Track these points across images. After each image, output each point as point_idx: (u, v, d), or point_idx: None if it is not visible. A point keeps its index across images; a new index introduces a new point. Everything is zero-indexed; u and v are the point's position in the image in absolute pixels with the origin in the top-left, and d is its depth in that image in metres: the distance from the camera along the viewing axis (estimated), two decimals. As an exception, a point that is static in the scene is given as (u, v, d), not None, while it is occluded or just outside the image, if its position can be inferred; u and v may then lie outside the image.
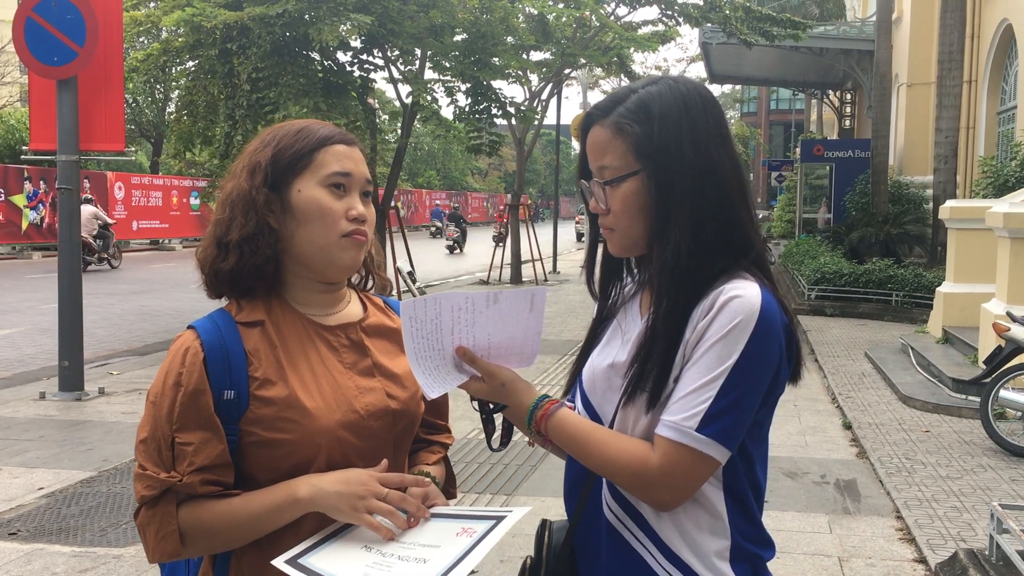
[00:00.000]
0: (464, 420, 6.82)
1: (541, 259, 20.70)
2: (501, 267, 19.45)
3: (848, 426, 7.27)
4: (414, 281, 12.27)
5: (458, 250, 31.70)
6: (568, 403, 1.59)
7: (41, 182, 25.65)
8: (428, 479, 1.60)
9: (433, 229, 43.61)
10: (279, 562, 1.41)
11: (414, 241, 31.99)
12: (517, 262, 19.60)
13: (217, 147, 11.70)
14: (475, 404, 1.58)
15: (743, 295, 1.42)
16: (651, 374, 1.45)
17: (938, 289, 10.88)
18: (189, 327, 1.55)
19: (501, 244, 19.98)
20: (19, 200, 25.25)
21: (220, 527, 1.46)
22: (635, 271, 1.64)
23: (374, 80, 13.15)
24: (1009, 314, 7.10)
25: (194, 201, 32.42)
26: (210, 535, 1.47)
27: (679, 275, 1.45)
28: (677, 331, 1.45)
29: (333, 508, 1.44)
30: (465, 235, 33.10)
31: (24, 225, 25.44)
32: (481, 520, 1.50)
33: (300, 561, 1.41)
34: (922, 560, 4.55)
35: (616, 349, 1.56)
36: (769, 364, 1.43)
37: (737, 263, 1.48)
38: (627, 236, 1.53)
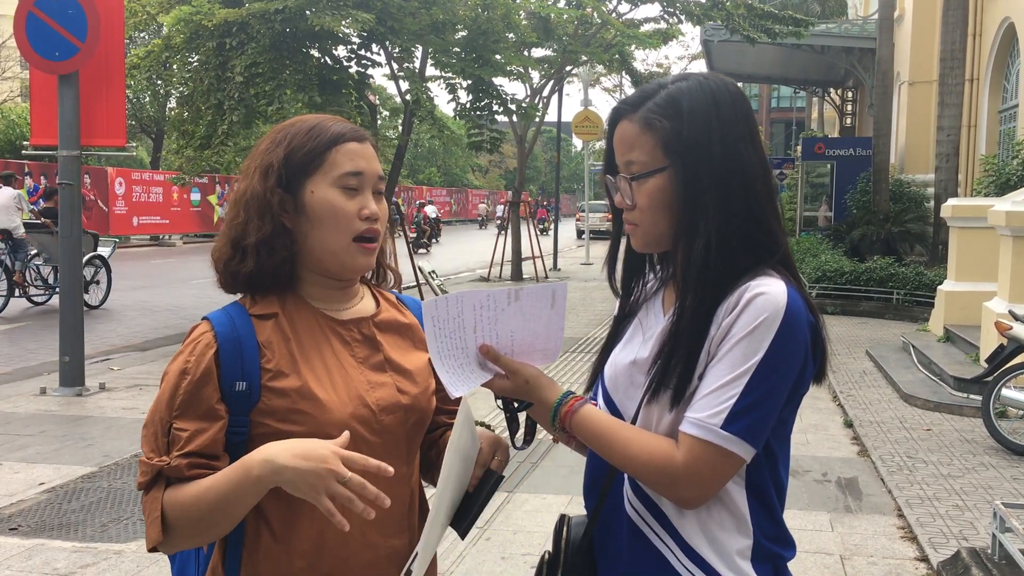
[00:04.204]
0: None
1: (542, 256, 20.70)
2: (502, 264, 19.44)
3: (849, 424, 7.26)
4: (435, 279, 12.32)
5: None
6: (591, 400, 1.58)
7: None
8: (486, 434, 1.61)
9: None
10: None
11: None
12: (518, 259, 19.60)
13: (198, 137, 11.65)
14: (499, 402, 1.58)
15: (768, 292, 1.41)
16: (675, 371, 1.44)
17: (939, 287, 10.87)
18: (204, 319, 1.55)
19: (503, 232, 19.87)
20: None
21: (193, 508, 1.43)
22: (657, 268, 1.63)
23: (371, 77, 13.15)
24: (1011, 312, 7.09)
25: (195, 197, 32.43)
26: (188, 518, 1.44)
27: (705, 272, 1.44)
28: (702, 328, 1.44)
29: (290, 484, 1.36)
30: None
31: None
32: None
33: (411, 568, 1.46)
34: (924, 559, 4.54)
35: (638, 346, 1.56)
36: (795, 361, 1.42)
37: (763, 261, 1.47)
38: (651, 232, 1.52)
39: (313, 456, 1.35)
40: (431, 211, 35.97)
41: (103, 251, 13.95)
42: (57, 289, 12.79)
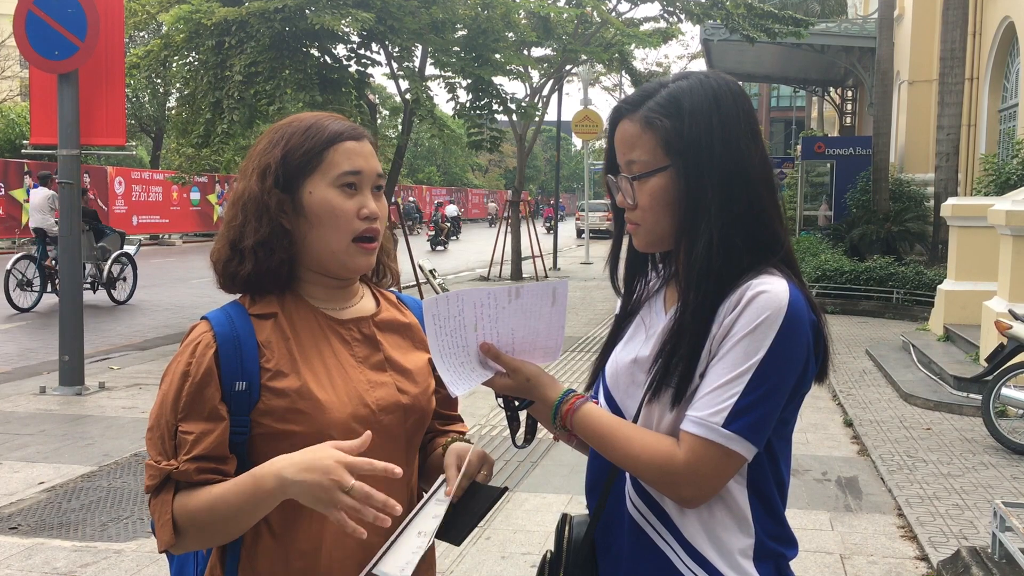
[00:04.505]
0: (464, 416, 6.81)
1: (542, 255, 20.69)
2: (501, 263, 19.44)
3: (849, 423, 7.26)
4: (435, 277, 12.33)
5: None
6: (592, 398, 1.58)
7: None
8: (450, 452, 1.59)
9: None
10: None
11: (415, 237, 32.45)
12: (517, 258, 19.60)
13: (195, 136, 11.66)
14: (500, 401, 1.57)
15: (770, 290, 1.41)
16: (676, 370, 1.44)
17: (939, 287, 10.87)
18: (203, 318, 1.55)
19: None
20: (19, 195, 25.23)
21: (204, 517, 1.44)
22: (659, 266, 1.63)
23: (371, 76, 13.16)
24: (1011, 312, 7.09)
25: (194, 196, 32.42)
26: (199, 525, 1.45)
27: (707, 271, 1.44)
28: (704, 327, 1.43)
29: (299, 497, 1.38)
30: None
31: (24, 220, 25.40)
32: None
33: (374, 572, 1.43)
34: (924, 558, 4.54)
35: (639, 344, 1.55)
36: (796, 360, 1.42)
37: (765, 259, 1.47)
38: (653, 231, 1.51)
39: (317, 468, 1.35)
40: (451, 210, 37.52)
41: (129, 249, 14.66)
42: (85, 285, 13.65)
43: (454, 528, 1.52)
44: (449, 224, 34.52)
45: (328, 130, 1.55)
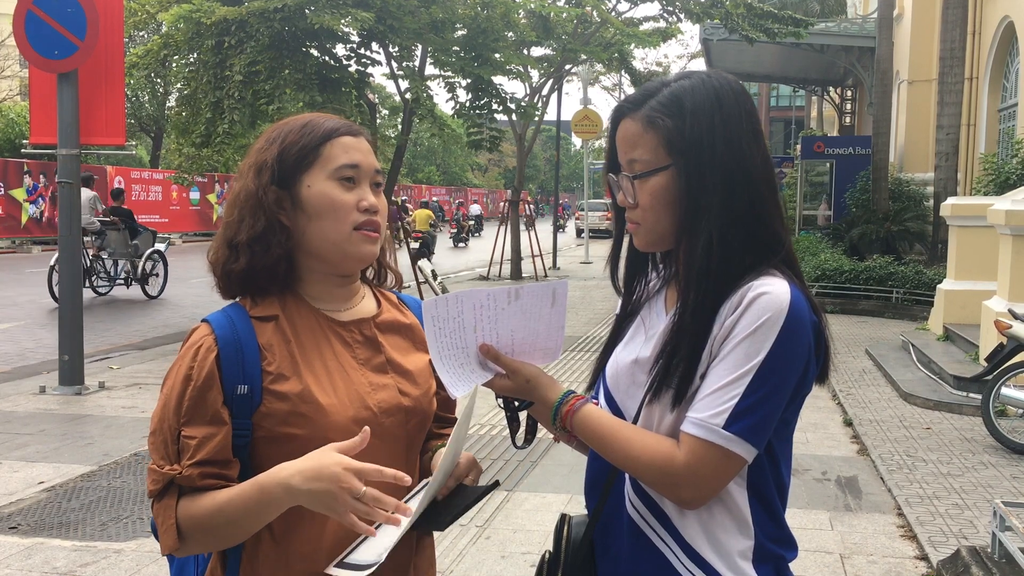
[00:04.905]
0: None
1: (541, 255, 20.69)
2: (501, 263, 19.45)
3: (849, 423, 7.26)
4: (435, 277, 12.33)
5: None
6: (593, 399, 1.57)
7: (41, 176, 25.65)
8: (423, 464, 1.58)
9: None
10: (331, 569, 1.42)
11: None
12: (517, 258, 19.60)
13: (196, 135, 11.66)
14: (500, 401, 1.57)
15: (772, 291, 1.40)
16: (677, 371, 1.44)
17: (939, 286, 10.87)
18: (203, 321, 1.54)
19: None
20: (19, 194, 25.23)
21: (209, 523, 1.44)
22: (660, 267, 1.63)
23: (371, 75, 13.15)
24: (1011, 311, 7.09)
25: (194, 195, 32.43)
26: (203, 531, 1.45)
27: (707, 271, 1.44)
28: (704, 327, 1.43)
29: (309, 504, 1.38)
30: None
31: (24, 219, 25.43)
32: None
33: (347, 560, 1.43)
34: (924, 557, 4.54)
35: (640, 345, 1.55)
36: (797, 361, 1.42)
37: (766, 260, 1.47)
38: (654, 231, 1.51)
39: (325, 476, 1.35)
40: (475, 209, 41.98)
41: (160, 246, 15.65)
42: (118, 280, 14.79)
43: (436, 518, 1.51)
44: (472, 222, 37.01)
45: (324, 126, 1.56)
